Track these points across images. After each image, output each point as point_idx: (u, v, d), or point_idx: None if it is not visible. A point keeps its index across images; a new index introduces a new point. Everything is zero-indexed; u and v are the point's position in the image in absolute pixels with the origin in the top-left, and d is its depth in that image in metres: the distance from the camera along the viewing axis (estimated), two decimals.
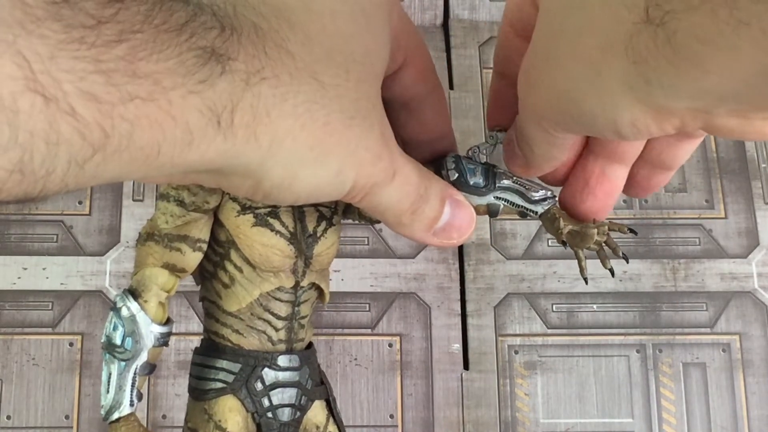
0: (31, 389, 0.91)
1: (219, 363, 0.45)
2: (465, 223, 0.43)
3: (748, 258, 0.98)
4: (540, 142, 0.40)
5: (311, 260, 0.45)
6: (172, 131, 0.31)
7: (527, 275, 0.97)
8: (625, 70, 0.32)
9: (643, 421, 0.93)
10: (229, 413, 0.44)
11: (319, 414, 0.47)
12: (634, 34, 0.31)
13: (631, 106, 0.33)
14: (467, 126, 1.01)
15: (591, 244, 0.44)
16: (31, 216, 0.96)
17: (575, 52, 0.34)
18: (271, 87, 0.33)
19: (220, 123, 0.32)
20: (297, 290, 0.45)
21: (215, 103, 0.31)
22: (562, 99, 0.36)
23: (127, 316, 0.42)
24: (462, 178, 0.45)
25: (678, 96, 0.31)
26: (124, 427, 0.43)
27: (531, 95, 0.38)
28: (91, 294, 0.94)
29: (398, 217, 0.41)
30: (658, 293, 0.96)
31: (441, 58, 1.04)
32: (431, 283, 0.96)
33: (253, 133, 0.33)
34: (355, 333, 0.95)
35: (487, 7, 1.07)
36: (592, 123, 0.35)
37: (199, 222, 0.43)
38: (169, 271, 0.43)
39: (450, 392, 0.93)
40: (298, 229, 0.44)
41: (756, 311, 0.96)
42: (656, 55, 0.30)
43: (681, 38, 0.29)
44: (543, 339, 0.95)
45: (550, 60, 0.36)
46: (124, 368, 0.42)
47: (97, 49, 0.28)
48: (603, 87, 0.33)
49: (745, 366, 0.95)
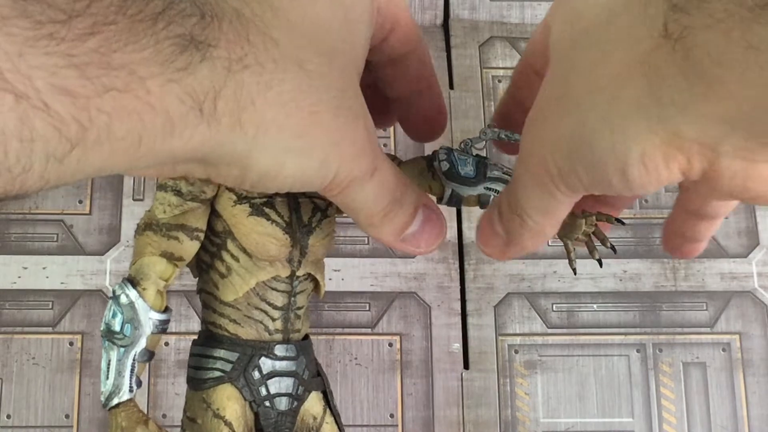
0: (31, 388, 0.91)
1: (217, 352, 0.45)
2: (434, 235, 0.43)
3: (748, 257, 0.98)
4: (536, 208, 0.39)
5: (306, 250, 0.45)
6: (152, 120, 0.30)
7: (527, 275, 0.97)
8: (640, 93, 0.31)
9: (643, 421, 0.93)
10: (228, 401, 0.45)
11: (316, 405, 0.47)
12: (653, 49, 0.31)
13: (643, 138, 0.32)
14: (467, 126, 1.01)
15: (579, 235, 0.44)
16: (31, 215, 0.96)
17: (589, 85, 0.34)
18: (255, 74, 0.33)
19: (202, 111, 0.32)
20: (293, 280, 0.45)
21: (196, 90, 0.31)
22: (573, 139, 0.35)
23: (126, 303, 0.42)
24: (453, 169, 0.46)
25: (689, 119, 0.31)
26: (124, 412, 0.43)
27: (537, 142, 0.38)
28: (91, 293, 0.94)
29: (370, 218, 0.41)
30: (658, 293, 0.96)
31: (441, 58, 1.04)
32: (431, 282, 0.96)
33: (237, 121, 0.33)
34: (355, 332, 0.95)
35: (487, 7, 1.07)
36: (602, 166, 0.34)
37: (196, 212, 0.44)
38: (167, 260, 0.43)
39: (450, 392, 0.93)
40: (294, 219, 0.45)
41: (756, 311, 0.96)
42: (673, 70, 0.30)
43: (697, 54, 0.29)
44: (543, 338, 0.95)
45: (562, 99, 0.36)
46: (123, 354, 0.42)
47: (69, 44, 0.28)
48: (616, 117, 0.33)
49: (745, 366, 0.95)
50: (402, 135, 1.00)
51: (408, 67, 0.45)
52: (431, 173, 0.46)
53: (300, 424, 0.47)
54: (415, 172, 0.47)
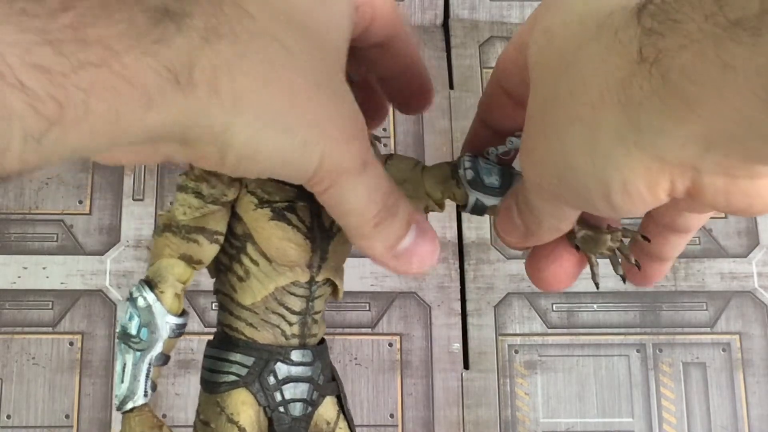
0: (31, 388, 0.91)
1: (232, 356, 0.44)
2: (428, 253, 0.41)
3: (748, 257, 0.98)
4: (549, 215, 0.39)
5: (327, 256, 0.45)
6: (130, 94, 0.30)
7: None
8: (617, 121, 0.31)
9: (643, 421, 0.94)
10: (242, 406, 0.44)
11: (330, 410, 0.47)
12: (628, 76, 0.31)
13: (623, 165, 0.32)
14: (467, 126, 1.00)
15: (604, 250, 0.44)
16: (31, 215, 0.96)
17: (569, 116, 0.34)
18: (230, 44, 0.32)
19: (179, 81, 0.31)
20: (312, 285, 0.45)
21: (172, 61, 0.31)
22: (560, 168, 0.35)
23: (144, 306, 0.42)
24: (477, 178, 0.45)
25: (668, 142, 0.31)
26: (138, 417, 0.43)
27: (532, 171, 0.38)
28: (91, 293, 0.94)
29: (361, 226, 0.39)
30: (658, 293, 0.97)
31: (441, 58, 1.04)
32: (431, 282, 0.96)
33: (214, 89, 0.32)
34: (355, 333, 0.95)
35: (487, 7, 1.07)
36: (587, 194, 0.34)
37: (216, 214, 0.43)
38: (185, 263, 0.43)
39: (450, 392, 0.93)
40: (315, 225, 0.44)
41: (756, 311, 0.96)
42: (650, 94, 0.30)
43: (673, 76, 0.29)
44: (543, 338, 0.95)
45: (546, 129, 0.36)
46: (139, 358, 0.42)
47: (42, 20, 0.28)
48: (596, 146, 0.33)
49: (745, 365, 0.95)
50: (402, 135, 1.00)
51: (393, 48, 0.45)
52: (455, 181, 0.46)
53: (313, 429, 0.47)
54: (440, 179, 0.46)
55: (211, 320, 0.93)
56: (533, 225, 0.41)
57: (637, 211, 0.34)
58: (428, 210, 0.47)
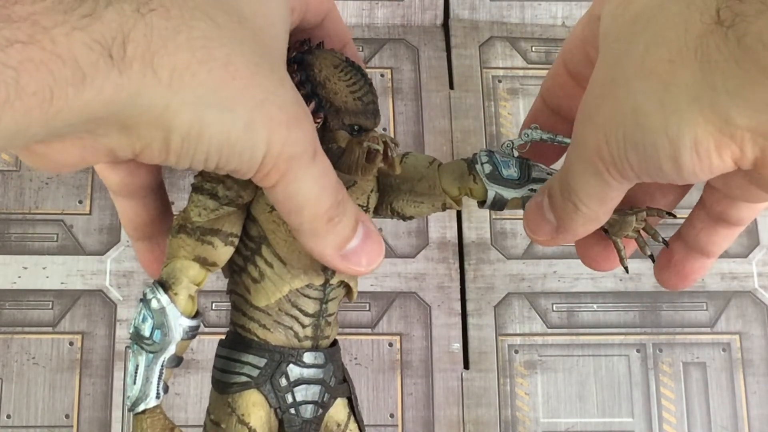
0: (31, 388, 0.91)
1: (244, 357, 0.44)
2: (375, 252, 0.42)
3: (748, 257, 0.98)
4: (590, 194, 0.39)
5: None
6: (62, 71, 0.29)
7: (527, 275, 0.97)
8: (693, 78, 0.31)
9: (643, 421, 0.94)
10: (253, 408, 0.44)
11: (341, 412, 0.47)
12: (706, 34, 0.31)
13: (696, 123, 0.32)
14: (467, 126, 1.01)
15: (630, 232, 0.44)
16: (31, 215, 0.95)
17: (643, 69, 0.34)
18: (162, 18, 0.32)
19: (112, 56, 0.30)
20: (326, 288, 0.45)
21: (104, 35, 0.30)
22: (626, 124, 0.35)
23: (157, 308, 0.41)
24: (496, 171, 0.45)
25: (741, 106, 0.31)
26: (150, 419, 0.43)
27: (590, 128, 0.37)
28: (91, 293, 0.93)
29: (314, 221, 0.39)
30: (658, 293, 0.97)
31: (441, 58, 1.04)
32: (431, 282, 0.96)
33: (150, 65, 0.31)
34: (355, 333, 0.94)
35: (488, 7, 1.07)
36: (654, 152, 0.34)
37: (231, 216, 0.43)
38: (200, 264, 0.43)
39: (450, 391, 0.93)
40: None
41: (756, 311, 0.97)
42: (726, 56, 0.30)
43: (749, 41, 0.29)
44: (543, 338, 0.95)
45: (614, 83, 0.35)
46: (152, 360, 0.42)
47: None
48: (669, 102, 0.32)
49: (745, 366, 0.95)
50: (402, 135, 1.00)
51: (326, 29, 0.45)
52: (472, 177, 0.46)
53: (324, 430, 0.47)
54: (456, 175, 0.46)
55: (211, 320, 0.93)
56: (567, 216, 0.41)
57: (702, 174, 0.34)
58: (445, 207, 0.47)
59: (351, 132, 0.43)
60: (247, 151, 0.35)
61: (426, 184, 0.46)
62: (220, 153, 0.35)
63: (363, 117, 0.43)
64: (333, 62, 0.43)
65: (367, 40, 1.05)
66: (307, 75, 0.42)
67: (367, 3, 1.06)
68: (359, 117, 0.43)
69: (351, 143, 0.42)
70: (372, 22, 1.06)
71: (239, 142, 0.35)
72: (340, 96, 0.42)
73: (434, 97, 1.02)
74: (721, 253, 0.45)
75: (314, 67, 0.42)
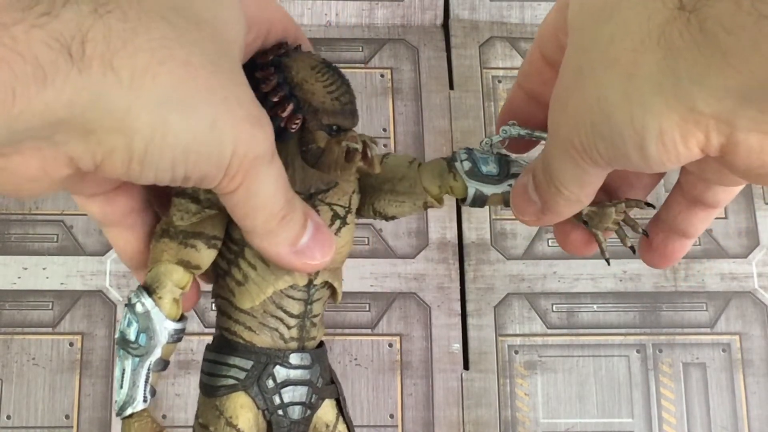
0: (31, 389, 0.91)
1: (231, 360, 0.45)
2: (326, 245, 0.42)
3: (748, 258, 0.98)
4: (570, 179, 0.39)
5: None
6: (23, 69, 0.29)
7: (527, 275, 0.97)
8: (656, 67, 0.31)
9: (643, 421, 0.94)
10: (240, 410, 0.44)
11: (329, 413, 0.47)
12: (669, 21, 0.31)
13: (660, 113, 0.32)
14: (467, 126, 1.01)
15: (610, 224, 0.44)
16: (31, 216, 0.96)
17: (607, 60, 0.34)
18: (120, 20, 0.32)
19: (71, 54, 0.30)
20: (310, 288, 0.45)
21: (62, 33, 0.30)
22: (593, 115, 0.35)
23: (142, 312, 0.42)
24: (475, 168, 0.46)
25: (705, 93, 0.31)
26: (137, 422, 0.43)
27: (561, 117, 0.38)
28: (91, 294, 0.94)
29: (268, 221, 0.39)
30: (658, 293, 0.97)
31: (441, 58, 1.04)
32: (431, 283, 0.96)
33: (109, 65, 0.31)
34: (355, 333, 0.95)
35: (487, 7, 1.07)
36: (621, 142, 0.34)
37: (214, 219, 0.43)
38: (183, 268, 0.43)
39: (450, 392, 0.93)
40: None
41: (756, 311, 0.96)
42: (688, 42, 0.30)
43: (709, 25, 0.29)
44: (543, 339, 0.95)
45: (583, 77, 0.36)
46: (138, 364, 0.42)
47: None
48: (633, 92, 0.33)
49: (745, 366, 0.95)
50: (402, 135, 1.00)
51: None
52: (452, 174, 0.46)
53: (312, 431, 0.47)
54: (436, 173, 0.46)
55: (211, 321, 0.93)
56: (551, 198, 0.41)
57: (669, 163, 0.34)
58: (427, 206, 0.47)
59: (330, 132, 0.43)
60: (214, 151, 0.35)
61: (407, 183, 0.46)
62: (187, 157, 0.34)
63: (341, 117, 0.43)
64: (310, 64, 0.43)
65: (367, 40, 1.05)
66: (285, 77, 0.42)
67: (367, 3, 1.06)
68: (337, 117, 0.43)
69: (330, 143, 0.42)
70: (372, 22, 1.06)
71: (205, 142, 0.34)
72: (317, 97, 0.42)
73: (434, 97, 1.02)
74: (701, 233, 0.45)
75: (291, 70, 0.42)
